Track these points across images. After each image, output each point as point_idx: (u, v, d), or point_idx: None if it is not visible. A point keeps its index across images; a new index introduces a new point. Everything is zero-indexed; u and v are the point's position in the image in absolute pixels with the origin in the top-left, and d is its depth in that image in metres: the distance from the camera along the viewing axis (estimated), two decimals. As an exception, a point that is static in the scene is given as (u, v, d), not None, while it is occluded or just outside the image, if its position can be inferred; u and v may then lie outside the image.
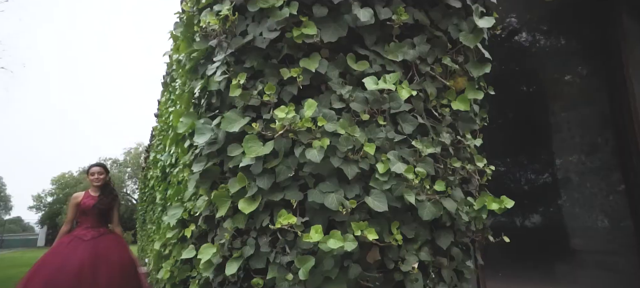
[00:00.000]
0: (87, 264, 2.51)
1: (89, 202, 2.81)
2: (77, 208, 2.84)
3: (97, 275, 2.50)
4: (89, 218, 2.77)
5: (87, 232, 2.73)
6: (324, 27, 0.98)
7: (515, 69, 1.92)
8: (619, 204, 2.30)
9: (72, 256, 2.53)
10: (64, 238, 2.73)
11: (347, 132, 0.92)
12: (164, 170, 3.02)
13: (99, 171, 2.97)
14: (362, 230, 0.89)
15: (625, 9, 2.33)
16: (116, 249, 2.78)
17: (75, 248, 2.58)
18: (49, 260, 2.56)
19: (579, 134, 2.59)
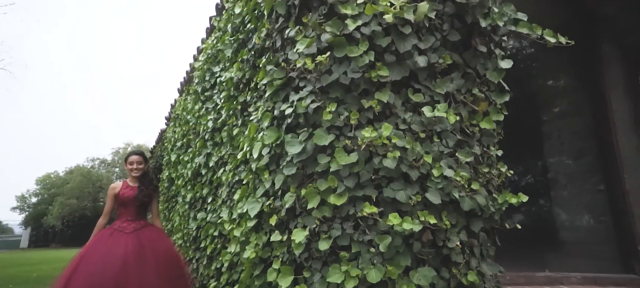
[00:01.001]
0: (132, 256, 2.39)
1: (128, 193, 2.68)
2: (115, 200, 2.69)
3: (143, 267, 2.38)
4: (129, 210, 2.64)
5: (127, 224, 2.60)
6: (391, 69, 1.34)
7: (517, 85, 2.26)
8: (600, 202, 2.72)
9: (114, 248, 2.40)
10: (103, 232, 2.58)
11: (412, 147, 1.28)
12: (197, 171, 3.31)
13: (138, 160, 2.79)
14: (424, 217, 1.24)
15: (604, 36, 2.75)
16: (161, 241, 2.68)
17: (117, 241, 2.46)
18: (90, 253, 2.41)
19: (568, 141, 3.01)
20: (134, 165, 2.77)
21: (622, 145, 2.57)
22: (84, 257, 2.37)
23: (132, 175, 2.76)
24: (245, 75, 2.19)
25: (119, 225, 2.58)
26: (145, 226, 2.63)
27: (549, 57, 3.10)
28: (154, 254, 2.46)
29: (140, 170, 2.76)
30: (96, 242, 2.48)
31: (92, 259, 2.34)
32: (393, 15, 1.24)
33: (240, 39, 2.37)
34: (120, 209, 2.67)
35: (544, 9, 2.76)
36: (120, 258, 2.33)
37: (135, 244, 2.45)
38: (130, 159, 2.81)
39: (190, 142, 3.69)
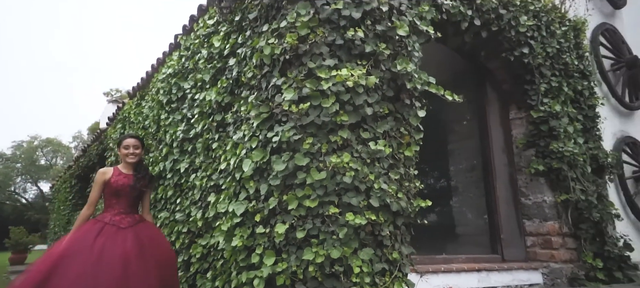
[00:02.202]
0: (133, 256, 2.10)
1: (123, 181, 2.35)
2: (105, 188, 2.35)
3: (146, 271, 2.11)
4: (122, 201, 2.32)
5: (120, 218, 2.27)
6: (350, 115, 1.97)
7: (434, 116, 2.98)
8: (482, 204, 3.69)
9: (110, 246, 2.09)
10: (90, 225, 2.20)
11: (362, 168, 1.93)
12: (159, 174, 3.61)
13: (135, 144, 2.48)
14: (368, 215, 1.90)
15: (488, 83, 3.75)
16: (161, 241, 2.41)
17: (113, 237, 2.13)
18: (76, 250, 2.05)
19: (464, 158, 3.97)
20: (131, 149, 2.46)
21: (497, 162, 3.56)
22: (66, 254, 2.03)
23: (127, 161, 2.46)
24: (224, 99, 2.66)
25: (111, 218, 2.25)
26: (141, 221, 2.38)
27: (461, 105, 4.06)
28: (155, 257, 2.21)
29: (136, 156, 2.47)
30: (82, 237, 2.13)
31: (80, 258, 2.01)
32: (353, 82, 1.88)
33: (217, 66, 2.83)
34: (111, 199, 2.35)
35: (452, 63, 3.68)
36: (118, 258, 2.05)
37: (134, 243, 2.17)
38: (125, 142, 2.50)
39: (150, 147, 3.94)
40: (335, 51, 1.97)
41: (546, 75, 3.48)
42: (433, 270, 2.56)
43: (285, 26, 2.00)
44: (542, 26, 3.52)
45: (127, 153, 2.50)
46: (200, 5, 3.37)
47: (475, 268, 2.85)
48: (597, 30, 4.27)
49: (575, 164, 3.33)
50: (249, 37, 2.38)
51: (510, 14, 3.20)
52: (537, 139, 3.44)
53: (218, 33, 2.88)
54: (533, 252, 3.36)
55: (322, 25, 1.97)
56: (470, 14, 2.87)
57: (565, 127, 3.41)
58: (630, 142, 4.09)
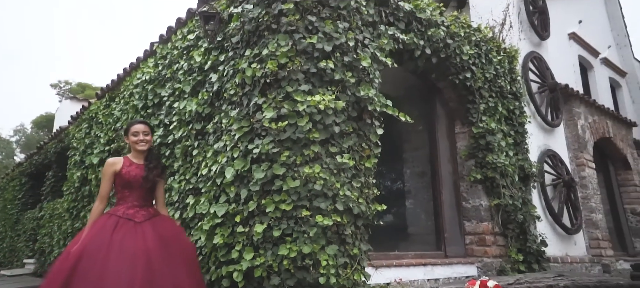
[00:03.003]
0: (155, 252, 1.97)
1: (134, 172, 2.18)
2: (115, 180, 2.18)
3: (172, 266, 1.98)
4: (135, 193, 2.17)
5: (134, 211, 2.12)
6: (320, 133, 2.33)
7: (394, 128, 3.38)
8: (430, 207, 4.20)
9: (128, 241, 1.96)
10: (103, 221, 2.06)
11: (330, 178, 2.29)
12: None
13: (144, 130, 2.29)
14: (334, 217, 2.26)
15: (438, 98, 4.28)
16: (182, 234, 2.29)
17: (131, 232, 2.00)
18: (93, 248, 1.92)
19: (418, 165, 4.47)
20: (140, 135, 2.27)
21: (443, 170, 4.09)
22: (85, 253, 1.91)
23: (137, 149, 2.27)
24: (204, 110, 2.92)
25: (125, 212, 2.11)
26: (157, 215, 2.23)
27: (412, 115, 4.55)
28: (181, 252, 2.10)
29: (147, 143, 2.30)
30: (98, 233, 2.00)
31: (99, 255, 1.90)
32: (324, 105, 2.24)
33: (197, 79, 3.07)
34: (123, 192, 2.19)
35: (407, 81, 4.16)
36: (140, 254, 1.94)
37: (155, 238, 2.04)
38: (134, 128, 2.31)
39: (122, 149, 4.06)
40: (310, 78, 2.32)
41: (485, 96, 4.05)
42: (386, 265, 2.99)
43: (266, 54, 2.32)
44: (482, 54, 4.10)
45: (136, 140, 2.28)
46: (178, 18, 3.58)
47: (422, 263, 3.32)
48: (527, 58, 4.97)
49: (506, 174, 3.92)
50: (231, 57, 2.67)
51: (455, 43, 3.72)
52: (476, 151, 4.00)
53: (198, 48, 3.12)
54: (470, 249, 3.91)
55: (299, 55, 2.31)
56: (422, 44, 3.34)
57: (499, 141, 4.00)
58: (551, 155, 4.82)
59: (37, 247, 6.42)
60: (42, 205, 6.73)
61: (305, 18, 2.34)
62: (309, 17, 2.34)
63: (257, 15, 2.42)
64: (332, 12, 2.41)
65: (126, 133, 2.39)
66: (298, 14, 2.33)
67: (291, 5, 2.31)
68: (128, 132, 2.36)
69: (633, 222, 6.40)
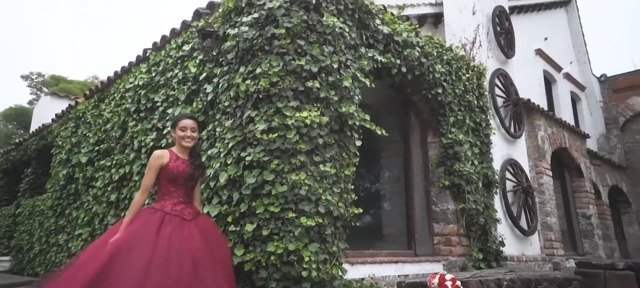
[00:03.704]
0: (202, 252, 1.94)
1: (182, 167, 2.13)
2: (160, 173, 2.10)
3: (215, 268, 1.97)
4: (180, 189, 2.12)
5: (181, 208, 2.08)
6: (306, 144, 2.63)
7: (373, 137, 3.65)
8: (403, 210, 4.58)
9: (177, 239, 1.90)
10: (146, 214, 2.00)
11: (313, 184, 2.59)
12: (124, 175, 3.94)
13: (192, 126, 2.24)
14: (317, 219, 2.57)
15: (413, 110, 4.66)
16: (220, 234, 2.27)
17: (178, 230, 1.95)
18: (135, 242, 1.86)
19: (394, 171, 4.84)
20: (188, 131, 2.22)
21: (415, 177, 4.47)
22: (126, 246, 1.86)
23: (183, 144, 2.22)
24: (198, 118, 3.16)
25: (172, 208, 2.06)
26: (199, 213, 2.21)
27: (389, 125, 4.92)
28: (221, 253, 2.10)
29: (193, 140, 2.24)
30: (142, 228, 1.95)
31: (142, 250, 1.84)
32: (310, 120, 2.54)
33: (192, 88, 3.30)
34: (169, 187, 2.12)
35: (385, 94, 4.50)
36: (188, 253, 1.90)
37: (201, 238, 2.02)
38: (182, 123, 2.24)
39: (112, 150, 4.23)
40: (298, 95, 2.62)
41: (454, 110, 4.46)
42: (361, 262, 3.32)
43: (260, 72, 2.60)
44: (452, 72, 4.51)
45: (183, 135, 2.22)
46: (173, 29, 3.80)
47: (394, 261, 3.68)
48: (494, 74, 5.43)
49: (471, 181, 4.34)
50: (226, 71, 2.93)
51: (429, 62, 4.10)
52: (445, 160, 4.40)
53: (193, 59, 3.36)
54: (438, 248, 4.30)
55: (289, 75, 2.60)
56: (399, 63, 3.70)
57: (466, 151, 4.41)
58: (513, 163, 5.29)
59: (14, 244, 6.42)
60: (20, 202, 6.72)
61: (295, 42, 2.63)
62: (299, 41, 2.64)
63: (252, 37, 2.70)
64: (319, 37, 2.72)
65: (173, 126, 2.31)
66: (289, 38, 2.62)
67: (283, 30, 2.60)
68: (176, 125, 2.28)
69: (583, 224, 7.03)
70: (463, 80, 4.65)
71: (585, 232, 7.06)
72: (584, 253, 6.87)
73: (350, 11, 3.04)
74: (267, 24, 2.69)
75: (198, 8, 3.50)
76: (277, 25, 2.64)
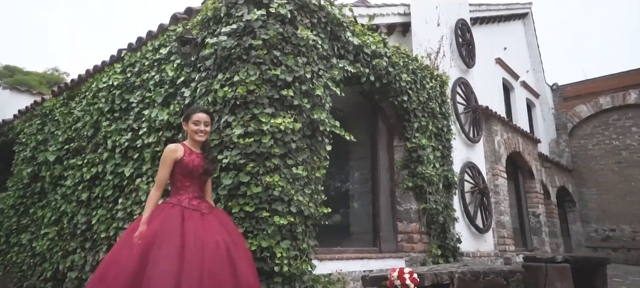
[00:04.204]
0: (228, 246, 1.95)
1: (196, 161, 2.12)
2: (175, 167, 2.08)
3: (241, 259, 1.99)
4: (196, 183, 2.12)
5: (198, 202, 2.08)
6: (280, 148, 2.82)
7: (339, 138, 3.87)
8: (370, 209, 4.86)
9: (201, 232, 1.91)
10: (166, 209, 1.98)
11: (286, 186, 2.79)
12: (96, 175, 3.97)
13: (206, 120, 2.21)
14: (288, 218, 2.76)
15: (380, 116, 4.95)
16: (236, 226, 2.28)
17: (200, 223, 1.95)
18: (162, 236, 1.84)
19: (361, 173, 5.11)
20: (201, 125, 2.19)
21: (382, 178, 4.76)
22: (155, 241, 1.84)
23: (196, 139, 2.20)
24: (175, 121, 3.27)
25: (189, 203, 2.06)
26: (213, 207, 2.22)
27: (358, 129, 5.18)
28: (242, 245, 2.11)
29: (206, 134, 2.23)
30: (165, 222, 1.94)
31: (170, 243, 1.84)
32: (284, 126, 2.73)
33: (169, 91, 3.40)
34: (184, 181, 2.11)
35: (355, 99, 4.75)
36: (221, 245, 1.92)
37: (223, 230, 2.04)
38: (196, 116, 2.20)
39: (83, 149, 4.23)
40: (273, 103, 2.80)
41: (418, 116, 4.79)
42: (329, 258, 3.55)
43: (237, 80, 2.76)
44: (417, 80, 4.83)
45: (197, 129, 2.19)
46: (149, 31, 3.86)
47: (360, 257, 3.94)
48: (455, 83, 5.84)
49: (432, 182, 4.68)
50: (204, 77, 3.06)
51: (396, 71, 4.39)
52: (409, 163, 4.71)
53: (171, 62, 3.46)
54: (401, 245, 4.61)
55: (265, 83, 2.78)
56: (368, 72, 3.95)
57: (429, 155, 4.75)
58: (471, 166, 5.72)
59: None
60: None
61: (271, 52, 2.81)
62: (274, 52, 2.82)
63: (230, 46, 2.85)
64: (293, 48, 2.91)
65: (186, 119, 2.26)
66: (265, 49, 2.80)
67: (260, 41, 2.78)
68: (189, 118, 2.24)
69: (533, 222, 7.66)
70: (427, 89, 4.99)
71: (534, 229, 7.69)
72: (533, 248, 7.49)
73: (323, 24, 3.26)
74: (245, 34, 2.85)
75: (176, 13, 3.59)
76: (255, 36, 2.81)
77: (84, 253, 4.01)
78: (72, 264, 4.11)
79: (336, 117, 3.34)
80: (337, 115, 3.49)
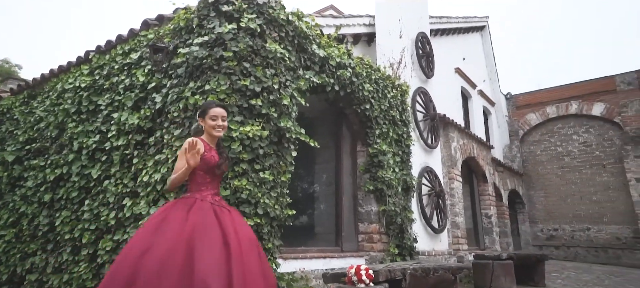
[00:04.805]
0: (255, 244, 1.98)
1: (215, 158, 2.09)
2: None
3: (262, 261, 1.99)
4: (216, 179, 2.12)
5: (219, 199, 2.09)
6: (248, 154, 3.00)
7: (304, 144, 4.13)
8: (334, 210, 5.12)
9: (232, 229, 1.90)
10: (197, 204, 1.95)
11: (253, 189, 2.97)
12: (60, 176, 3.95)
13: (223, 115, 2.18)
14: (256, 219, 2.95)
15: (345, 122, 5.23)
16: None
17: (231, 220, 1.96)
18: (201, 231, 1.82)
19: (326, 176, 5.36)
20: (219, 120, 2.16)
21: (345, 182, 5.04)
22: (196, 237, 1.82)
23: (214, 134, 2.17)
24: (145, 125, 3.36)
25: (212, 198, 2.05)
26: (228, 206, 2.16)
27: (323, 134, 5.42)
28: (258, 247, 2.09)
29: (224, 129, 2.20)
30: (204, 218, 1.92)
31: (213, 237, 1.84)
32: (252, 133, 2.92)
33: (140, 96, 3.48)
34: (205, 177, 2.08)
35: (320, 106, 5.00)
36: (250, 240, 1.97)
37: (246, 226, 2.08)
38: (213, 111, 2.16)
39: (47, 149, 4.19)
40: (242, 111, 2.98)
41: (380, 123, 5.10)
42: (293, 257, 3.76)
43: (208, 89, 2.92)
44: (379, 90, 5.15)
45: (214, 124, 2.15)
46: (119, 35, 3.91)
47: (322, 256, 4.18)
48: (415, 92, 6.23)
49: (391, 186, 5.01)
50: (176, 84, 3.18)
51: (359, 81, 4.68)
52: (371, 167, 5.02)
53: (142, 67, 3.54)
54: (362, 245, 4.91)
55: (235, 93, 2.95)
56: (333, 82, 4.21)
57: (389, 160, 5.08)
58: (428, 170, 6.13)
59: None
60: None
61: (241, 64, 2.99)
62: (244, 63, 3.00)
63: (201, 56, 3.00)
64: (262, 60, 3.11)
65: (203, 115, 2.21)
66: (236, 61, 2.97)
67: (231, 53, 2.95)
68: (205, 113, 2.19)
69: (485, 223, 8.25)
70: (388, 98, 5.32)
71: (486, 229, 8.28)
72: (485, 247, 8.07)
73: (290, 37, 3.47)
74: (216, 45, 3.01)
75: (147, 19, 3.68)
76: (226, 48, 2.97)
77: (46, 255, 3.98)
78: (32, 266, 4.07)
79: (303, 123, 3.56)
80: (303, 121, 3.71)
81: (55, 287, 3.77)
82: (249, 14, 3.05)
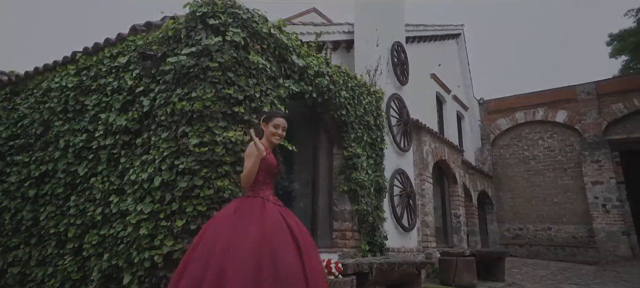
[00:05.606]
0: (310, 247, 2.06)
1: (274, 161, 2.23)
2: (261, 164, 2.13)
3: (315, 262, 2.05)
4: (273, 181, 2.23)
5: (276, 199, 2.21)
6: (230, 157, 3.26)
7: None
8: (311, 209, 5.42)
9: (298, 226, 2.04)
10: (266, 205, 2.06)
11: (234, 189, 3.24)
12: (45, 173, 4.09)
13: (284, 125, 2.32)
14: (237, 217, 3.22)
15: (322, 126, 5.53)
16: None
17: (291, 218, 2.10)
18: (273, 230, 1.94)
19: (305, 176, 5.65)
20: (280, 130, 2.31)
21: (321, 182, 5.34)
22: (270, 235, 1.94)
23: (273, 141, 2.32)
24: (133, 126, 3.56)
25: (274, 199, 2.21)
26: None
27: (302, 138, 5.71)
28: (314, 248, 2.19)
29: (282, 138, 2.35)
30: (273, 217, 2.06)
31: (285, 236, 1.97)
32: (235, 138, 3.18)
33: (128, 99, 3.67)
34: (266, 178, 2.20)
35: (300, 110, 5.28)
36: (309, 240, 2.09)
37: (307, 232, 2.21)
38: (277, 121, 2.32)
39: (31, 146, 4.32)
40: (226, 117, 3.23)
41: (355, 128, 5.43)
42: (272, 252, 4.04)
43: (195, 96, 3.16)
44: (355, 96, 5.48)
45: (275, 132, 2.31)
46: (107, 38, 4.08)
47: (299, 251, 4.47)
48: (390, 98, 6.60)
49: (364, 187, 5.35)
50: (163, 89, 3.40)
51: (336, 88, 4.99)
52: (346, 169, 5.34)
53: (130, 71, 3.73)
54: (335, 242, 5.23)
55: (219, 100, 3.20)
56: (311, 89, 4.50)
57: (363, 163, 5.42)
58: (400, 172, 6.52)
59: None
60: None
61: (226, 74, 3.24)
62: (229, 73, 3.25)
63: (189, 65, 3.23)
64: (245, 71, 3.36)
65: (267, 121, 2.37)
66: (221, 71, 3.22)
67: (216, 64, 3.20)
68: (270, 120, 2.35)
69: (454, 222, 8.75)
70: (363, 104, 5.66)
71: (455, 228, 8.79)
72: (453, 245, 8.57)
73: (272, 49, 3.74)
74: (202, 56, 3.25)
75: (135, 24, 3.86)
76: (212, 59, 3.22)
77: (29, 249, 4.12)
78: (14, 260, 4.19)
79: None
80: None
81: (39, 279, 3.93)
82: (234, 28, 3.30)
